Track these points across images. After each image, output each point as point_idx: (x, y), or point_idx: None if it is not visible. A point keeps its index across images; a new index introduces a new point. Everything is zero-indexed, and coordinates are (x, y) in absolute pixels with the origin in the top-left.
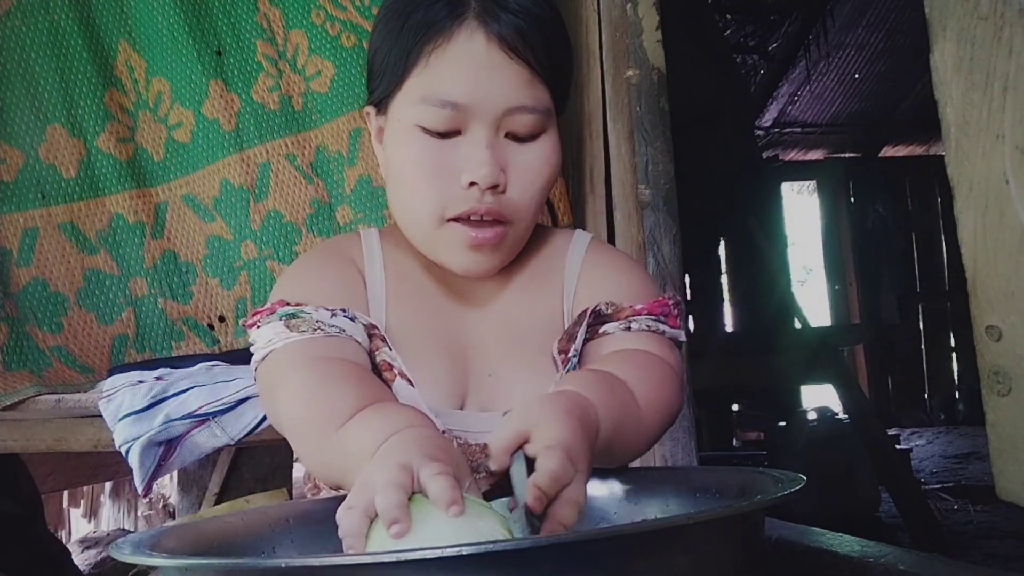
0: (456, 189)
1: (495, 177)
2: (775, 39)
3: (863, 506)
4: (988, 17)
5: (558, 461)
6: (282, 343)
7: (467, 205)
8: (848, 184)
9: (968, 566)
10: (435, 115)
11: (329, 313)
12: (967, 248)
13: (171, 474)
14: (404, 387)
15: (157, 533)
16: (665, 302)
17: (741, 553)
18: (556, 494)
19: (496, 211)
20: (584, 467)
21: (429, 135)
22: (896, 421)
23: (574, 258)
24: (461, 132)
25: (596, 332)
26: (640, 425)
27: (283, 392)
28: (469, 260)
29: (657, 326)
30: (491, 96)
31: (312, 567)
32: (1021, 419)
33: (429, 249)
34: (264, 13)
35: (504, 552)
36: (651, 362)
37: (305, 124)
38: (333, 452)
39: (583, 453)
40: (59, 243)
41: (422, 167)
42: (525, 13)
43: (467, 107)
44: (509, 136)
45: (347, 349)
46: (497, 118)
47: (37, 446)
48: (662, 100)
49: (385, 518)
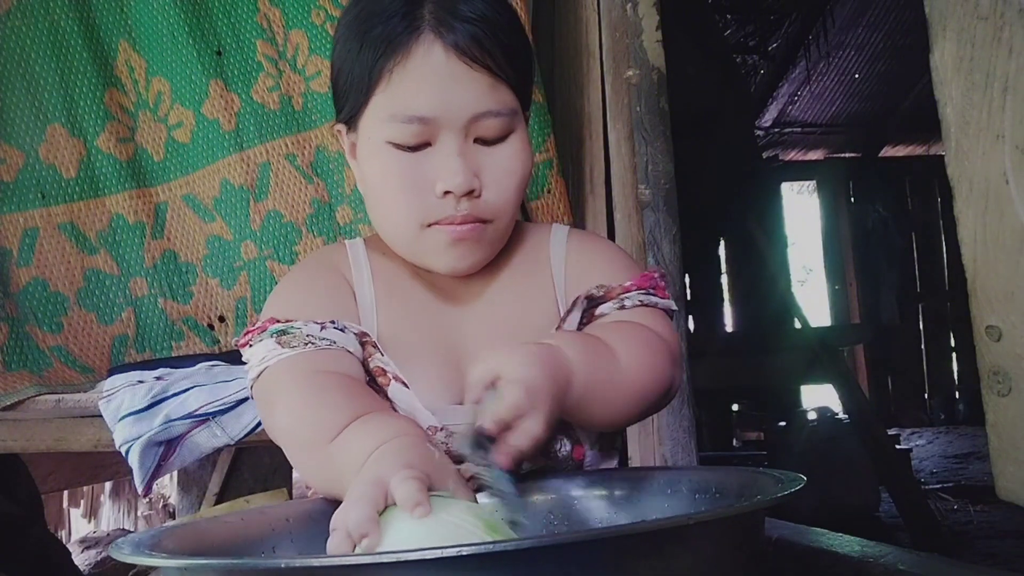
0: (432, 199)
1: (469, 183)
2: (775, 39)
3: (863, 506)
4: (988, 17)
5: (519, 392)
6: (275, 360)
7: (444, 213)
8: (848, 184)
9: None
10: (404, 131)
11: (319, 327)
12: (967, 248)
13: (171, 474)
14: (399, 390)
15: (157, 533)
16: (651, 275)
17: (741, 553)
18: (513, 424)
19: (473, 216)
20: (545, 406)
21: (400, 149)
22: (896, 421)
23: (557, 249)
24: (431, 143)
25: (592, 315)
26: (620, 385)
27: (278, 408)
28: (453, 259)
29: (648, 299)
30: (456, 106)
31: (312, 567)
32: (1021, 419)
33: (413, 255)
34: (264, 13)
35: (504, 552)
36: (637, 329)
37: (305, 124)
38: (327, 466)
39: (544, 392)
40: (59, 243)
41: (397, 181)
42: (480, 20)
43: (434, 119)
44: (478, 141)
45: (339, 361)
46: (464, 126)
47: (37, 446)
48: (662, 100)
49: (354, 533)
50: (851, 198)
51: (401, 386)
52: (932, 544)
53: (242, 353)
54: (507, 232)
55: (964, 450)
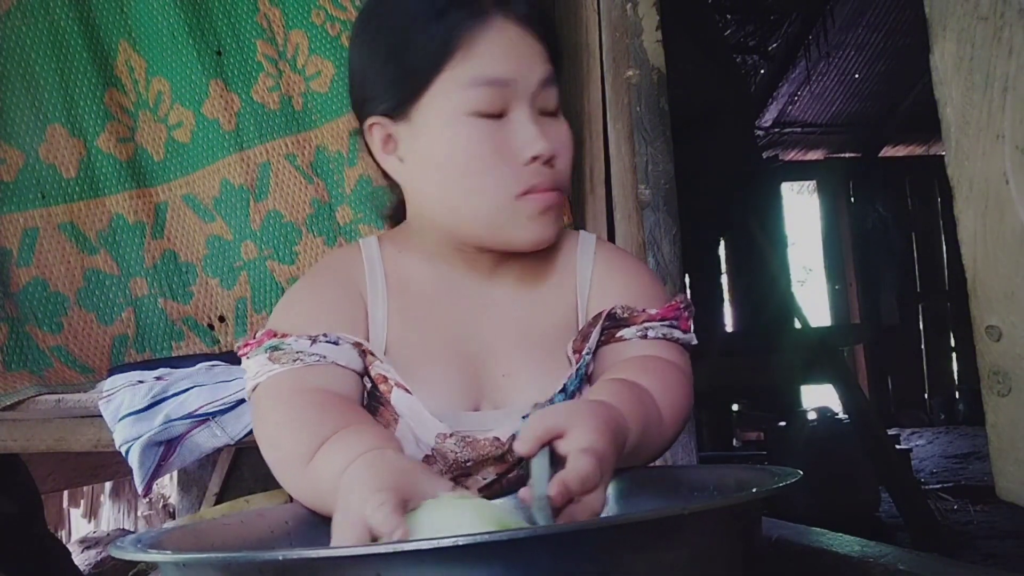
0: (517, 167)
1: (552, 148)
2: (775, 39)
3: (863, 506)
4: (988, 17)
5: (591, 466)
6: (266, 376)
7: (534, 179)
8: (848, 184)
9: (968, 566)
10: (486, 95)
11: (310, 341)
12: (967, 248)
13: (171, 474)
14: (402, 397)
15: (157, 534)
16: (677, 306)
17: (738, 548)
18: (578, 496)
19: (554, 182)
20: (609, 479)
21: (482, 119)
22: (896, 421)
23: (584, 259)
24: (506, 113)
25: (612, 336)
26: (662, 433)
27: (261, 430)
28: (539, 229)
29: (671, 332)
30: (528, 71)
31: (309, 559)
32: (1021, 419)
33: (497, 230)
34: (264, 13)
35: (500, 543)
36: (669, 371)
37: (305, 124)
38: (306, 486)
39: (611, 464)
40: (59, 243)
41: (486, 148)
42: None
43: (513, 82)
44: (541, 113)
45: (326, 377)
46: (533, 93)
47: (37, 446)
48: (662, 100)
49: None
50: (851, 198)
51: (404, 393)
52: (932, 544)
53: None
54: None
55: (964, 450)
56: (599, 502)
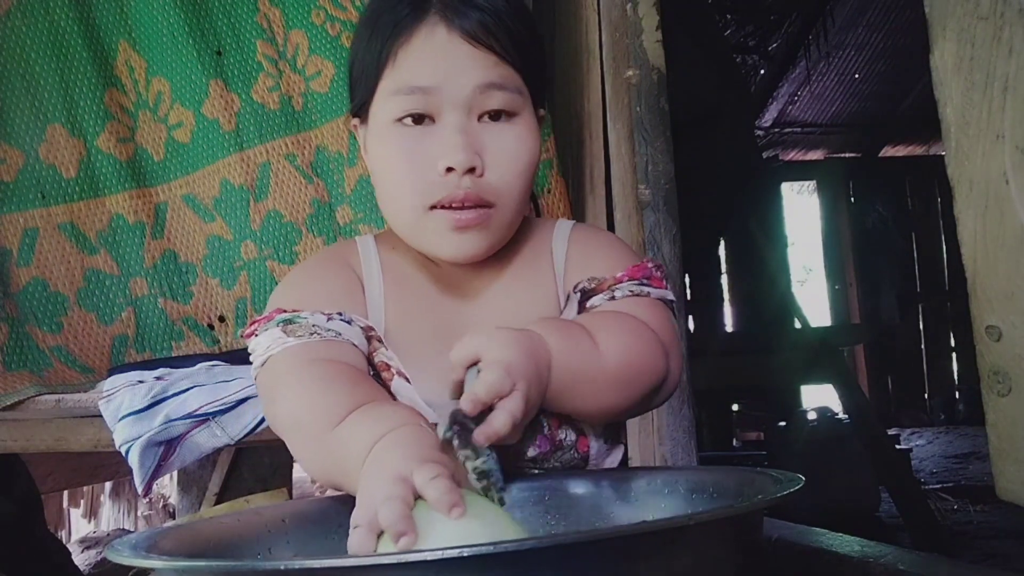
0: (434, 176)
1: (470, 160)
2: (775, 39)
3: (863, 506)
4: (988, 17)
5: (497, 374)
6: (280, 348)
7: (446, 191)
8: (848, 184)
9: (968, 566)
10: (405, 103)
11: (325, 317)
12: (967, 248)
13: (171, 474)
14: (402, 385)
15: (154, 534)
16: (644, 266)
17: (741, 553)
18: (493, 403)
19: (475, 196)
20: (524, 386)
21: (404, 127)
22: (896, 421)
23: (559, 243)
24: (435, 120)
25: (585, 308)
26: (601, 371)
27: (280, 395)
28: (455, 244)
29: (640, 289)
30: (458, 78)
31: (311, 569)
32: (1021, 419)
33: (416, 239)
34: (264, 13)
35: (504, 553)
36: (621, 318)
37: (305, 124)
38: (328, 453)
39: (523, 372)
40: (59, 243)
41: (400, 158)
42: (488, 9)
43: (435, 89)
44: (484, 119)
45: (343, 352)
46: (467, 100)
47: (37, 446)
48: (662, 100)
49: (391, 532)
50: (851, 198)
51: (403, 381)
52: (932, 544)
53: (248, 344)
54: (514, 222)
55: (964, 450)
56: (515, 407)
